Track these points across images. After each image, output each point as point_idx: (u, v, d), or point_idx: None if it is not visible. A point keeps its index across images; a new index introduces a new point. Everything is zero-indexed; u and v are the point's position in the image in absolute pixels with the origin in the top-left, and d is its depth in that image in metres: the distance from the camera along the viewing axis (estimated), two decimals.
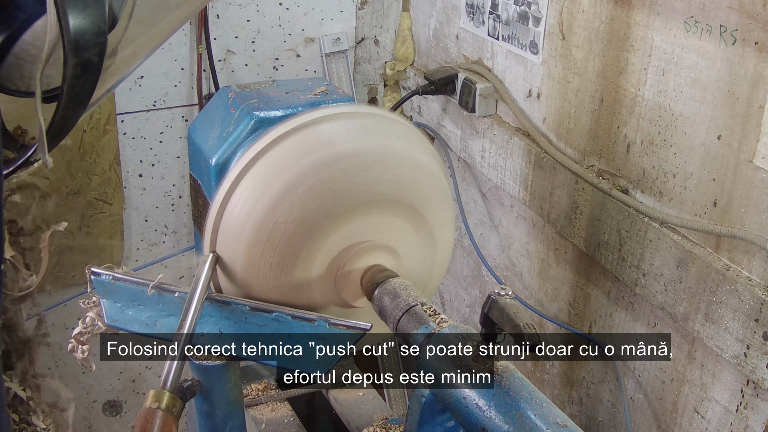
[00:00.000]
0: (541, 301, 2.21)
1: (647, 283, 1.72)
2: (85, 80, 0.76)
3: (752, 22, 1.39)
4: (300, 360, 1.28)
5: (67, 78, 0.74)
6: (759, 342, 1.46)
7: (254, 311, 1.28)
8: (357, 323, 1.25)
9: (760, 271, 1.48)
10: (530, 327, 1.00)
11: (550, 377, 2.24)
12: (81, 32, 0.73)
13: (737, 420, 1.61)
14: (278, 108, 1.50)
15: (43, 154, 0.79)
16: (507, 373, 1.08)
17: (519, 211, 2.24)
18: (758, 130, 1.42)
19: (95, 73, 0.76)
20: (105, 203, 2.39)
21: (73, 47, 0.73)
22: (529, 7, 1.98)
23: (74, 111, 0.79)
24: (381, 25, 2.65)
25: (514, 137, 2.11)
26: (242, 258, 1.32)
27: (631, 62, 1.68)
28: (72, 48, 0.73)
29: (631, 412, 1.91)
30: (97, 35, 0.74)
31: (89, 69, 0.76)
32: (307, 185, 1.29)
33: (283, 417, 1.78)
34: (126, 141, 2.40)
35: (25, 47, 0.79)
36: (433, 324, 1.19)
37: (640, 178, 1.73)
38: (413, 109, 2.67)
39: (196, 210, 1.65)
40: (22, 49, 0.79)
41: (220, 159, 1.47)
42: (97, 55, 0.75)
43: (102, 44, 0.75)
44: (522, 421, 1.01)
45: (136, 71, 2.34)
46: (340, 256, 1.34)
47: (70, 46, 0.73)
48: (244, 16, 2.42)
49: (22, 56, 0.80)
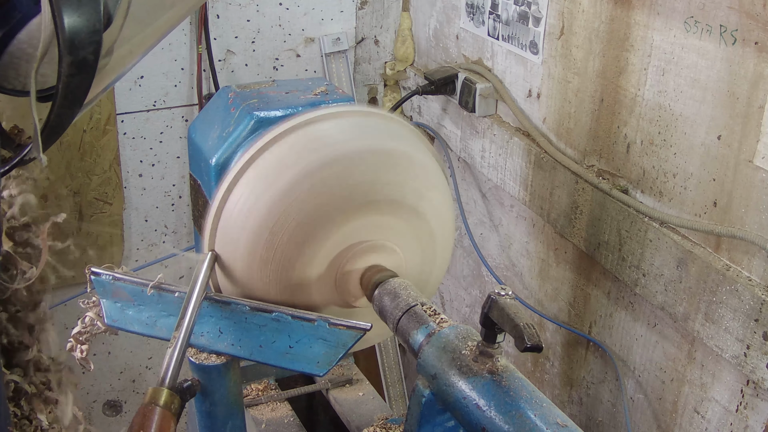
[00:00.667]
0: (541, 301, 2.21)
1: (647, 283, 1.72)
2: (81, 79, 0.76)
3: (752, 22, 1.39)
4: (300, 360, 1.28)
5: (62, 77, 0.74)
6: (759, 342, 1.46)
7: (254, 311, 1.28)
8: (357, 323, 1.25)
9: (760, 271, 1.48)
10: (530, 327, 1.00)
11: (550, 377, 2.24)
12: (76, 31, 0.73)
13: (737, 420, 1.61)
14: (278, 108, 1.50)
15: (38, 153, 0.79)
16: (507, 373, 1.08)
17: (519, 211, 2.24)
18: (758, 130, 1.42)
19: (90, 72, 0.76)
20: (105, 203, 2.39)
21: (68, 46, 0.73)
22: (529, 7, 1.98)
23: (70, 110, 0.78)
24: (381, 25, 2.65)
25: (514, 137, 2.11)
26: (242, 258, 1.32)
27: (631, 62, 1.68)
28: (67, 47, 0.73)
29: (631, 412, 1.91)
30: (92, 34, 0.74)
31: (84, 68, 0.75)
32: (307, 186, 1.29)
33: (283, 417, 1.78)
34: (126, 141, 2.40)
35: (20, 46, 0.79)
36: (433, 324, 1.19)
37: (640, 178, 1.73)
38: (413, 109, 2.67)
39: (196, 210, 1.65)
40: (18, 48, 0.79)
41: (220, 159, 1.47)
42: (93, 54, 0.75)
43: (97, 43, 0.75)
44: (522, 421, 1.01)
45: (136, 71, 2.35)
46: (340, 256, 1.34)
47: (64, 45, 0.73)
48: (244, 16, 2.42)
49: (18, 55, 0.80)
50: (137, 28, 0.91)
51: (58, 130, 0.80)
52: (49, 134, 0.79)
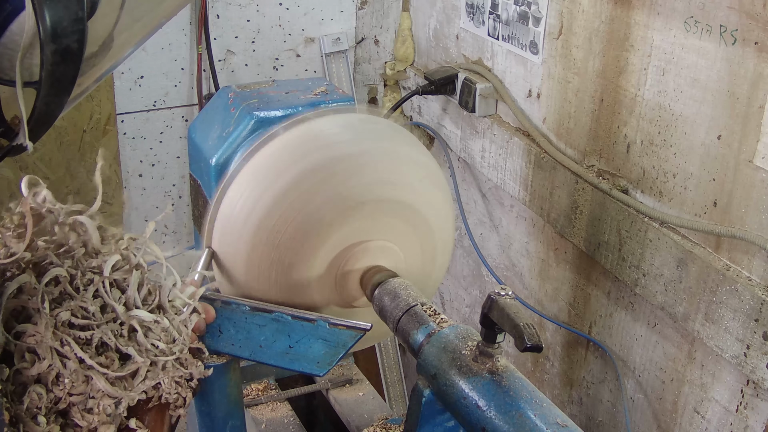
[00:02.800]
0: (541, 301, 2.21)
1: (647, 283, 1.72)
2: (66, 67, 0.77)
3: (752, 22, 1.39)
4: (300, 360, 1.28)
5: (45, 65, 0.75)
6: (759, 342, 1.46)
7: (254, 311, 1.28)
8: (357, 323, 1.25)
9: (760, 271, 1.48)
10: (530, 327, 1.00)
11: (550, 377, 2.24)
12: (57, 20, 0.73)
13: (737, 420, 1.61)
14: (278, 108, 1.50)
15: (24, 139, 0.79)
16: (507, 373, 1.08)
17: (519, 211, 2.24)
18: (758, 130, 1.42)
19: (76, 60, 0.77)
20: (105, 203, 2.38)
21: (50, 35, 0.73)
22: (529, 7, 1.98)
23: (58, 98, 0.79)
24: (381, 25, 2.65)
25: (514, 137, 2.11)
26: (243, 258, 1.32)
27: (631, 62, 1.68)
28: (49, 35, 0.73)
29: (631, 412, 1.91)
30: (75, 22, 0.75)
31: (69, 56, 0.76)
32: (307, 186, 1.29)
33: (283, 417, 1.78)
34: (126, 141, 2.40)
35: (13, 37, 0.80)
36: (433, 324, 1.19)
37: (640, 178, 1.73)
38: (413, 109, 2.67)
39: (196, 210, 1.65)
40: (11, 39, 0.80)
41: (220, 159, 1.47)
42: (77, 43, 0.76)
43: (81, 31, 0.76)
44: (522, 421, 1.01)
45: (136, 71, 2.35)
46: (340, 256, 1.34)
47: (45, 34, 0.73)
48: (244, 16, 2.42)
49: (10, 46, 0.80)
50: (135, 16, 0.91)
51: (48, 118, 0.81)
52: (40, 122, 0.80)
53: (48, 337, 0.83)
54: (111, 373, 0.87)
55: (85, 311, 0.87)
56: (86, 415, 0.86)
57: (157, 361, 0.91)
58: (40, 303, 0.84)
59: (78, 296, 0.87)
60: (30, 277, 0.86)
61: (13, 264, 0.86)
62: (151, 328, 0.92)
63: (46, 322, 0.83)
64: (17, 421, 0.82)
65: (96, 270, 0.90)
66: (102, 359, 0.87)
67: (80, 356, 0.84)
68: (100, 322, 0.87)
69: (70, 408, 0.86)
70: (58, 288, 0.87)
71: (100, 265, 0.90)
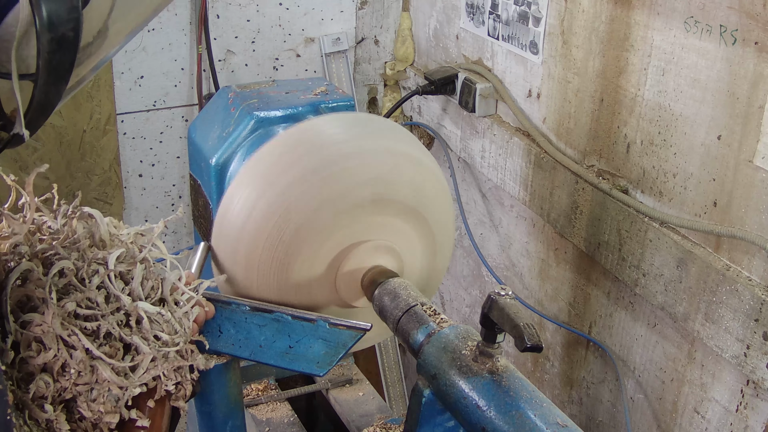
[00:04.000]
0: (541, 301, 2.21)
1: (647, 283, 1.72)
2: (62, 56, 0.77)
3: (752, 22, 1.39)
4: (300, 360, 1.28)
5: (42, 53, 0.76)
6: (759, 342, 1.46)
7: (254, 311, 1.28)
8: (357, 323, 1.25)
9: (760, 271, 1.48)
10: (530, 327, 1.00)
11: (550, 377, 2.24)
12: (53, 8, 0.74)
13: (737, 420, 1.61)
14: (278, 108, 1.50)
15: (20, 129, 0.80)
16: (507, 373, 1.08)
17: (519, 211, 2.24)
18: (758, 130, 1.42)
19: (72, 48, 0.78)
20: (105, 203, 2.39)
21: (46, 24, 0.74)
22: (529, 7, 1.98)
23: (55, 87, 0.80)
24: (381, 25, 2.65)
25: (514, 137, 2.11)
26: (242, 258, 1.32)
27: (631, 62, 1.68)
28: (45, 24, 0.74)
29: (631, 412, 1.91)
30: (71, 11, 0.75)
31: (65, 45, 0.77)
32: (307, 185, 1.29)
33: (283, 417, 1.78)
34: (126, 141, 2.40)
35: (9, 29, 0.80)
36: (433, 324, 1.19)
37: (640, 178, 1.73)
38: (413, 109, 2.67)
39: (196, 210, 1.65)
40: (7, 31, 0.80)
41: (220, 159, 1.48)
42: (72, 31, 0.76)
43: (76, 20, 0.76)
44: (522, 421, 1.01)
45: (136, 71, 2.35)
46: (339, 256, 1.34)
47: (42, 23, 0.74)
48: (244, 16, 2.42)
49: (7, 38, 0.80)
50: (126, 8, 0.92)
51: (47, 107, 0.81)
52: (38, 112, 0.81)
53: (57, 326, 0.83)
54: (117, 363, 0.87)
55: (90, 301, 0.88)
56: (91, 404, 0.86)
57: (160, 352, 0.92)
58: (47, 293, 0.84)
59: (83, 287, 0.88)
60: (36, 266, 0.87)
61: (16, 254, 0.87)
62: (154, 320, 0.93)
63: (53, 312, 0.84)
64: (23, 407, 0.83)
65: (101, 261, 0.91)
66: (107, 349, 0.87)
67: (87, 346, 0.85)
68: (105, 313, 0.88)
69: (76, 397, 0.86)
70: (64, 279, 0.87)
71: (105, 257, 0.91)
